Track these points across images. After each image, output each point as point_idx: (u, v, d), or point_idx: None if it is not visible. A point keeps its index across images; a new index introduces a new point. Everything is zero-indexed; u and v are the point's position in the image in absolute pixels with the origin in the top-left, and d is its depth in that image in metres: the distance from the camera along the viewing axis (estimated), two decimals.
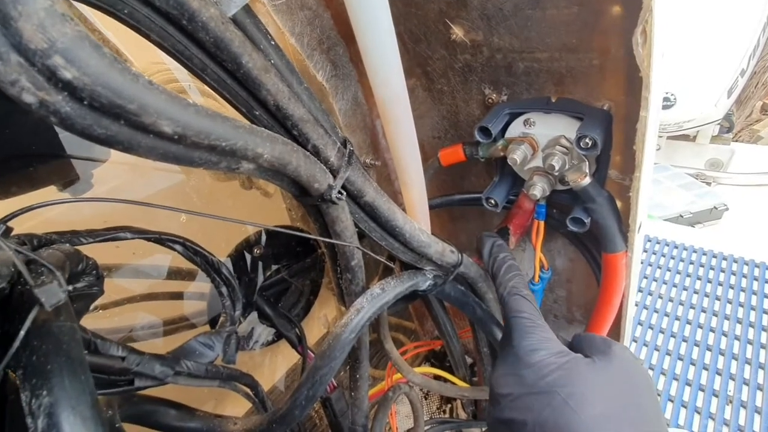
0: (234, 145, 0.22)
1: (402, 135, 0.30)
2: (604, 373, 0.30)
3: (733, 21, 1.31)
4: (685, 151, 1.75)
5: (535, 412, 0.29)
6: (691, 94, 1.41)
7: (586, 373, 0.30)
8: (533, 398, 0.30)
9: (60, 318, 0.20)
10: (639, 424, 0.28)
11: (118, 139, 0.18)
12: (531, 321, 0.34)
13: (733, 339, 0.86)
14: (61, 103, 0.16)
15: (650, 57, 0.25)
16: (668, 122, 1.49)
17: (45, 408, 0.18)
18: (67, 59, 0.15)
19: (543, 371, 0.31)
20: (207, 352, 0.36)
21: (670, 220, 1.32)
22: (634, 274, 0.40)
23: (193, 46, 0.24)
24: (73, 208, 0.36)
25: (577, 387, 0.29)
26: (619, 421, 0.28)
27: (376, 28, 0.23)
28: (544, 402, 0.29)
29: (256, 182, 0.62)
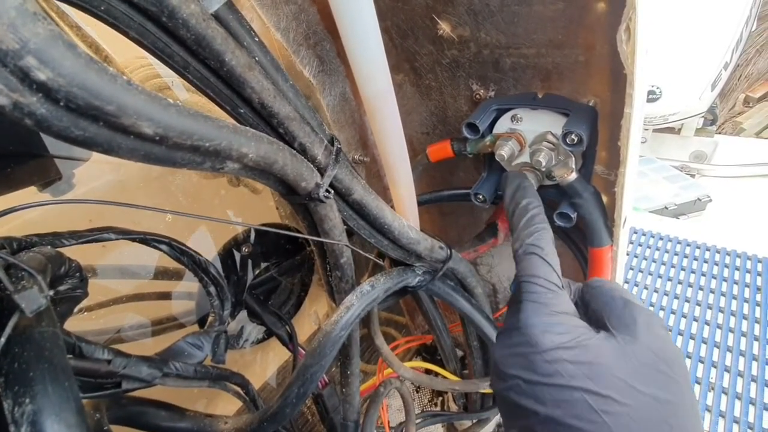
0: (218, 145, 0.21)
1: (389, 132, 0.30)
2: (632, 360, 0.25)
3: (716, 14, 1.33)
4: (670, 143, 1.78)
5: (549, 406, 0.25)
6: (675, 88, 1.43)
7: (611, 361, 0.25)
8: (546, 390, 0.26)
9: (42, 324, 0.20)
10: (675, 420, 0.24)
11: (97, 140, 0.18)
12: (544, 289, 0.28)
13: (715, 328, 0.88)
14: (35, 105, 0.16)
15: (634, 54, 0.25)
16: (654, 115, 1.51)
17: (28, 416, 0.17)
18: (40, 60, 0.15)
19: (558, 359, 0.26)
20: (196, 352, 0.35)
21: (656, 212, 1.34)
22: (620, 267, 0.41)
23: (174, 44, 0.23)
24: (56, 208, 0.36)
25: (600, 381, 0.25)
26: (652, 421, 0.24)
27: (360, 24, 0.23)
28: (560, 397, 0.25)
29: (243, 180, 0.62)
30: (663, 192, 1.44)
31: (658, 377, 0.25)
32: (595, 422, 0.24)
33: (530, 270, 0.29)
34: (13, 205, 0.27)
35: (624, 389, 0.24)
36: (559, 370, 0.26)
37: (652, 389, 0.25)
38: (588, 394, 0.24)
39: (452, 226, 0.59)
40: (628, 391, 0.24)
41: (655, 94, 1.44)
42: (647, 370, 0.25)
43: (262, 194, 0.63)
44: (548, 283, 0.29)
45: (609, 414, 0.24)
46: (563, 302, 0.28)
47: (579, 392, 0.25)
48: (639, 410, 0.24)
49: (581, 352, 0.26)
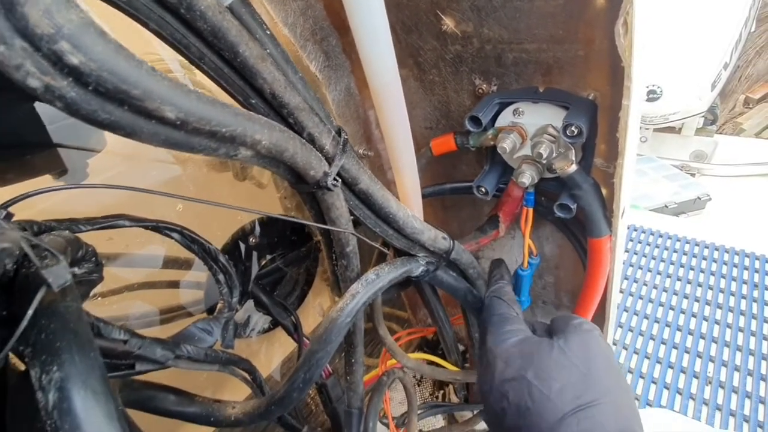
0: (233, 131, 0.22)
1: (395, 123, 0.31)
2: (562, 350, 0.33)
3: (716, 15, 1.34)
4: (670, 143, 1.79)
5: (510, 398, 0.32)
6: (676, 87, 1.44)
7: (547, 352, 0.33)
8: (506, 385, 0.33)
9: (67, 299, 0.21)
10: (598, 389, 0.31)
11: (122, 124, 0.19)
12: (501, 317, 0.38)
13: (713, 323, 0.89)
14: (66, 89, 0.17)
15: (631, 47, 0.26)
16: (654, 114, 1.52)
17: (56, 382, 0.18)
18: (73, 45, 0.16)
19: (510, 359, 0.34)
20: (206, 337, 0.36)
21: (655, 210, 1.35)
22: (619, 258, 0.42)
23: (191, 35, 0.24)
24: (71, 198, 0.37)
25: (539, 368, 0.32)
26: (579, 389, 0.30)
27: (370, 17, 0.24)
28: (515, 387, 0.32)
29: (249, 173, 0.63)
30: (663, 190, 1.45)
31: (582, 358, 0.32)
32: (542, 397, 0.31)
33: (491, 309, 0.40)
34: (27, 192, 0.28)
35: (558, 370, 0.32)
36: (512, 365, 0.33)
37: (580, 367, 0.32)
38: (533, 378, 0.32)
39: (454, 220, 0.60)
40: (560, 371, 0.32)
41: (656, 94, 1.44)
42: (575, 355, 0.32)
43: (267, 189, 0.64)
44: (505, 313, 0.39)
45: (549, 389, 0.31)
46: (516, 323, 0.37)
47: (525, 379, 0.32)
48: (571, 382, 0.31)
49: (526, 350, 0.34)
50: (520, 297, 0.52)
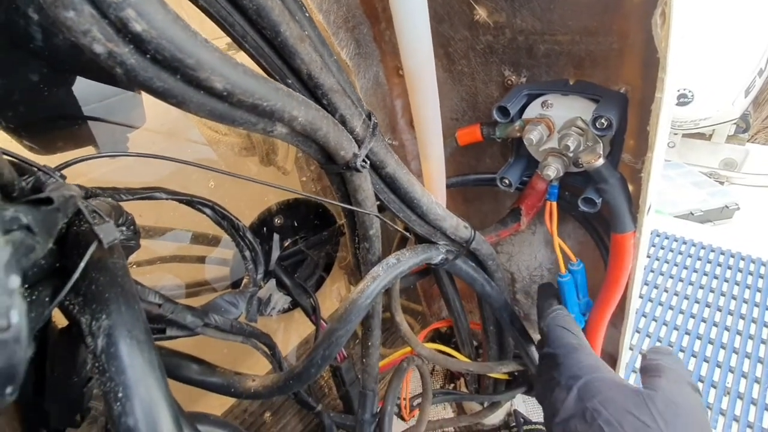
0: (274, 105, 0.23)
1: (427, 107, 0.31)
2: (645, 404, 0.32)
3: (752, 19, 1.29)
4: (700, 149, 1.73)
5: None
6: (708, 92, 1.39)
7: (625, 403, 0.32)
8: (577, 421, 0.33)
9: (114, 256, 0.23)
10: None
11: (173, 92, 0.20)
12: (569, 348, 0.38)
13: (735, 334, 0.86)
14: (127, 55, 0.18)
15: (668, 38, 0.26)
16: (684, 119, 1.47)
17: (105, 329, 0.20)
18: (138, 12, 0.17)
19: (586, 396, 0.34)
20: (232, 309, 0.38)
21: (681, 217, 1.32)
22: (641, 255, 0.41)
23: (237, 13, 0.25)
24: (116, 170, 0.38)
25: (614, 416, 0.32)
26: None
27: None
28: (587, 426, 0.32)
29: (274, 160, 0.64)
30: (689, 197, 1.41)
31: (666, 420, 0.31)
32: None
33: (555, 337, 0.40)
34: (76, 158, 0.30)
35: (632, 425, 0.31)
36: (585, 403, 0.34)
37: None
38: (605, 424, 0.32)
39: (476, 213, 0.60)
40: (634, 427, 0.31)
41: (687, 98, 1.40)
42: (659, 413, 0.31)
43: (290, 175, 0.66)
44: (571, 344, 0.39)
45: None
46: (588, 355, 0.37)
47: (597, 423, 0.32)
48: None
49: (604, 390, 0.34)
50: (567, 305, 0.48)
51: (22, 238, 0.14)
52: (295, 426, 0.68)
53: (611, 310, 0.45)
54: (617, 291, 0.43)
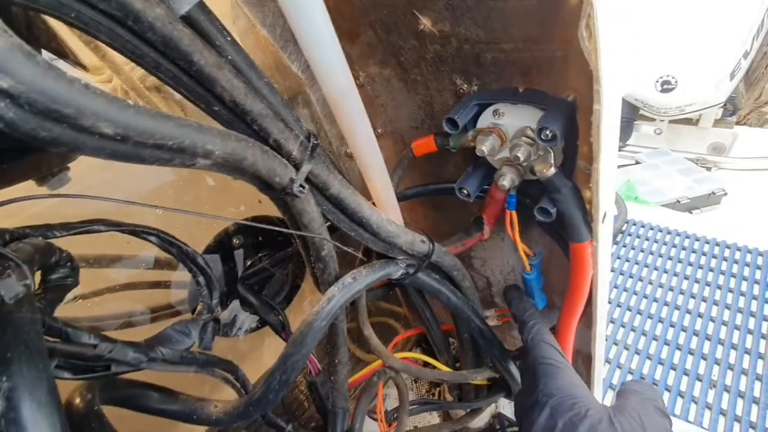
0: (181, 143, 0.22)
1: (355, 130, 0.30)
2: (611, 423, 0.34)
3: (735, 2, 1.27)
4: (687, 135, 1.72)
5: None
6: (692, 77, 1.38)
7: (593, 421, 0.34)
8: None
9: (21, 309, 0.22)
10: None
11: (63, 140, 0.19)
12: (552, 366, 0.40)
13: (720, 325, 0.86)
14: (4, 110, 0.17)
15: (597, 51, 0.25)
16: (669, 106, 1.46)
17: (4, 392, 0.19)
18: (1, 70, 0.16)
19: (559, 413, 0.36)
20: (183, 339, 0.37)
21: (667, 206, 1.31)
22: (603, 262, 0.40)
23: (144, 46, 0.24)
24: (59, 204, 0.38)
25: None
26: None
27: (313, 24, 0.24)
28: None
29: None
30: (676, 185, 1.40)
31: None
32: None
33: (542, 353, 0.41)
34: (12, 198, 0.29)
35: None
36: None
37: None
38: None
39: (445, 220, 0.59)
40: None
41: (671, 84, 1.39)
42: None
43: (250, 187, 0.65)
44: (556, 362, 0.40)
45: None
46: (570, 375, 0.39)
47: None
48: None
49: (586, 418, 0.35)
50: (534, 299, 0.51)
51: None
52: None
53: (578, 315, 0.45)
54: (581, 298, 0.42)
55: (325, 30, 0.24)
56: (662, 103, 1.45)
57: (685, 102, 1.42)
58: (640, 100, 1.58)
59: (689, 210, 1.33)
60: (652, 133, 1.73)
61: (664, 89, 1.40)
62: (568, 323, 0.45)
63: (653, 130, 1.72)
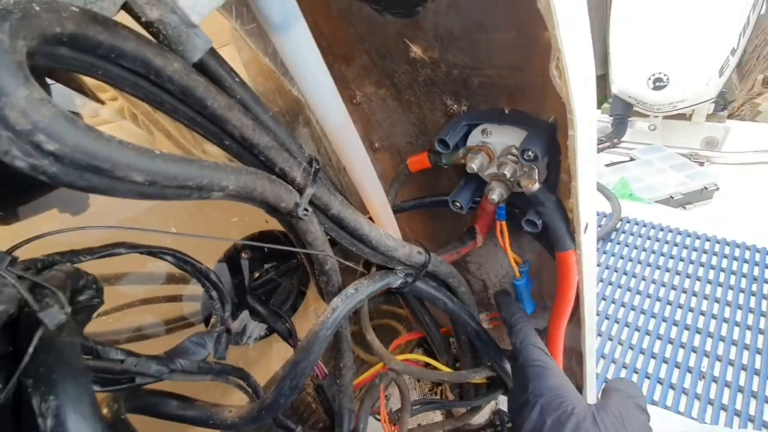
0: (200, 182, 0.25)
1: (353, 159, 0.33)
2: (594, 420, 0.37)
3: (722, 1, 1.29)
4: (681, 130, 1.74)
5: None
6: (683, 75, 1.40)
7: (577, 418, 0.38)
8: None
9: (62, 334, 0.25)
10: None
11: (100, 188, 0.22)
12: (540, 368, 0.43)
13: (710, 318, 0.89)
14: (48, 166, 0.20)
15: (567, 86, 0.28)
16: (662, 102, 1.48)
17: (53, 410, 0.22)
18: (47, 135, 0.19)
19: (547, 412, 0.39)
20: (199, 350, 0.40)
21: (661, 202, 1.34)
22: (588, 269, 0.43)
23: (164, 94, 0.27)
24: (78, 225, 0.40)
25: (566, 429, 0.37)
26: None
27: (309, 71, 0.26)
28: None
29: None
30: (669, 181, 1.43)
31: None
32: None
33: (531, 356, 0.44)
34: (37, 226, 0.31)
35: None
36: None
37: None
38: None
39: (442, 229, 0.62)
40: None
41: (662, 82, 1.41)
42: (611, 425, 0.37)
43: None
44: (544, 363, 0.43)
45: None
46: (558, 375, 0.43)
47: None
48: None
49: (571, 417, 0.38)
50: (524, 304, 0.54)
51: None
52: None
53: (566, 318, 0.48)
54: (568, 301, 0.45)
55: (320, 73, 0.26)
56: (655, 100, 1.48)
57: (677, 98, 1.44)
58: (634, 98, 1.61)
59: (682, 206, 1.35)
60: (646, 129, 1.75)
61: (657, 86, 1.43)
62: (557, 325, 0.48)
63: (647, 126, 1.75)
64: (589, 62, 0.29)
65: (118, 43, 0.23)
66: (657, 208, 1.24)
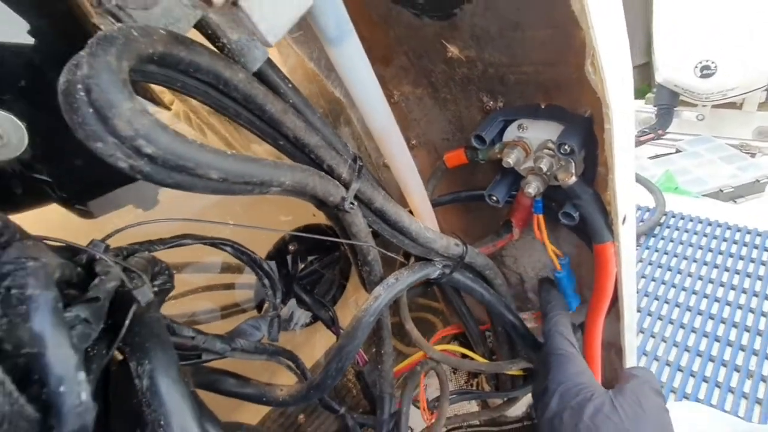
0: (263, 178, 0.28)
1: (397, 157, 0.36)
2: (614, 408, 0.38)
3: None
4: (731, 120, 1.64)
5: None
6: (732, 61, 1.32)
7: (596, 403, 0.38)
8: (558, 420, 0.39)
9: (150, 311, 0.29)
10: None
11: (183, 185, 0.25)
12: (563, 357, 0.44)
13: (759, 316, 0.85)
14: (143, 166, 0.23)
15: (603, 83, 0.29)
16: (710, 91, 1.40)
17: (147, 373, 0.26)
18: (146, 140, 0.22)
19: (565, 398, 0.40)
20: (255, 332, 0.44)
21: (710, 196, 1.27)
22: (627, 261, 0.44)
23: (229, 101, 0.31)
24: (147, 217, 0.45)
25: (586, 414, 0.38)
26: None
27: (357, 73, 0.29)
28: (565, 424, 0.38)
29: None
30: (718, 173, 1.35)
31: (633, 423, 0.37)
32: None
33: (556, 344, 0.46)
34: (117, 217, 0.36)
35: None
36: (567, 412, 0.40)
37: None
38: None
39: (477, 222, 0.63)
40: None
41: (710, 69, 1.34)
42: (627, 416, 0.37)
43: None
44: (568, 353, 0.45)
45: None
46: (579, 364, 0.43)
47: None
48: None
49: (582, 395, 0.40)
50: (566, 297, 0.54)
51: (83, 330, 0.20)
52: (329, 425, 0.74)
53: (604, 309, 0.48)
54: (606, 294, 0.45)
55: (370, 82, 0.29)
56: (703, 89, 1.40)
57: (726, 86, 1.37)
58: (680, 86, 1.54)
59: (733, 199, 1.28)
60: (693, 119, 1.67)
61: (704, 74, 1.36)
62: (595, 318, 0.49)
63: (695, 116, 1.66)
64: (625, 58, 0.30)
65: (196, 58, 0.26)
66: (705, 201, 1.19)
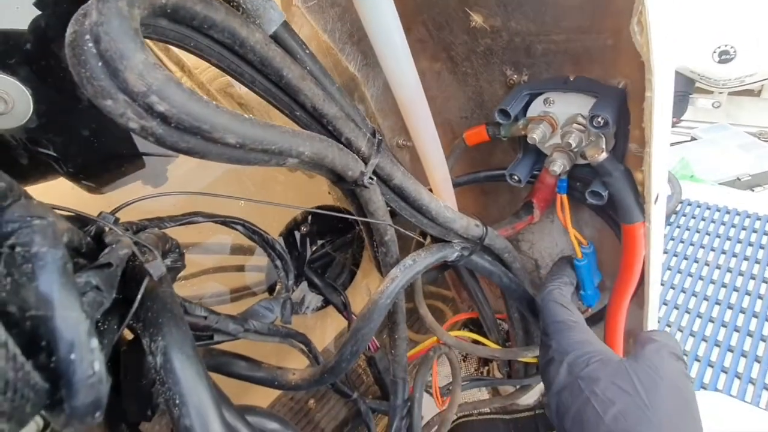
0: (281, 147, 0.27)
1: (421, 127, 0.34)
2: (628, 374, 0.34)
3: None
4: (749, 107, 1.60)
5: (572, 406, 0.35)
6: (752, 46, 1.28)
7: (609, 373, 0.35)
8: (568, 393, 0.36)
9: (163, 285, 0.27)
10: (654, 425, 0.31)
11: (196, 150, 0.24)
12: (562, 324, 0.41)
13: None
14: (155, 127, 0.22)
15: (648, 44, 0.27)
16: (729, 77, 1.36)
17: (161, 349, 0.24)
18: (160, 97, 0.20)
19: (575, 370, 0.37)
20: (268, 314, 0.43)
21: (726, 184, 1.24)
22: (656, 242, 0.42)
23: (244, 65, 0.29)
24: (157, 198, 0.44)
25: (599, 386, 0.34)
26: (634, 420, 0.32)
27: (387, 36, 0.27)
28: (576, 397, 0.35)
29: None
30: (736, 162, 1.32)
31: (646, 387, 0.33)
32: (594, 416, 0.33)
33: (552, 312, 0.43)
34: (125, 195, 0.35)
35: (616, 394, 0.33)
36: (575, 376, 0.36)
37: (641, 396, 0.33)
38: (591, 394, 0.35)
39: (493, 204, 0.62)
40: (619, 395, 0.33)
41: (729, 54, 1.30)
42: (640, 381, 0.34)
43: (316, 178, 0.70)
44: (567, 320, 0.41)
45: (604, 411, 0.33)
46: (582, 332, 0.40)
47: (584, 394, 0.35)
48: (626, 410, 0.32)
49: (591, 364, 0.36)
50: (585, 290, 0.51)
51: (94, 297, 0.18)
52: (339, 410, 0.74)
53: (629, 294, 0.46)
54: (633, 277, 0.43)
55: (398, 38, 0.27)
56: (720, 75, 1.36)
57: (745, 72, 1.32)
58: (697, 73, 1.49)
59: (751, 188, 1.25)
60: (710, 106, 1.62)
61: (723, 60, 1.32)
62: (618, 303, 0.47)
63: (711, 103, 1.62)
64: (673, 17, 0.28)
65: (211, 14, 0.25)
66: (721, 189, 1.16)
